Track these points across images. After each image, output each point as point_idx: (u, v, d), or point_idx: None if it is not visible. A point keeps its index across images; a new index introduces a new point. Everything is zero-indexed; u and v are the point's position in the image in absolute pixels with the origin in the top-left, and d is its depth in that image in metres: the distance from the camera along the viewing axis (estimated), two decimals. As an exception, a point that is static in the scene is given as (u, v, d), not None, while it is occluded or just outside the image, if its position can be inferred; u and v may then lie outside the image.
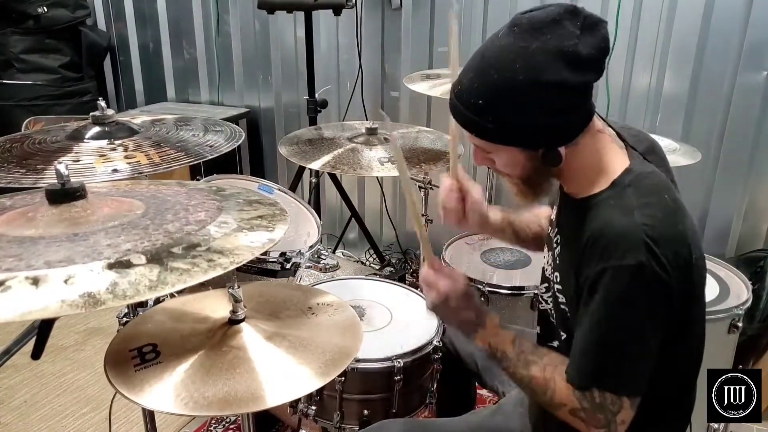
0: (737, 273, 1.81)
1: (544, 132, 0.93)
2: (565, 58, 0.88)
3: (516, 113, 0.91)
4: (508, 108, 0.91)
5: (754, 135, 2.23)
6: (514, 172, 1.00)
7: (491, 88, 0.91)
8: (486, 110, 0.92)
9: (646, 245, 0.88)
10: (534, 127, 0.92)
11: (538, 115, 0.91)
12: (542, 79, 0.88)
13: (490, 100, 0.91)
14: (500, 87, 0.90)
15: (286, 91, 3.12)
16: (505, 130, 0.93)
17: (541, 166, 0.97)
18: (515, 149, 0.96)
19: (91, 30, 3.33)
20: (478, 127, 0.94)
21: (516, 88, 0.89)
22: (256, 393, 0.88)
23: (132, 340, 1.00)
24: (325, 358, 0.96)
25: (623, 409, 0.93)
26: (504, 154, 0.98)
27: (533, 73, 0.88)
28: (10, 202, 0.97)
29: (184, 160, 1.27)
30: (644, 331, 0.92)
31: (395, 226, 3.01)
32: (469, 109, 0.94)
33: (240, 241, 0.85)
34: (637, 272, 0.88)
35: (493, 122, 0.92)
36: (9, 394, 2.18)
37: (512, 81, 0.89)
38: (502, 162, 1.00)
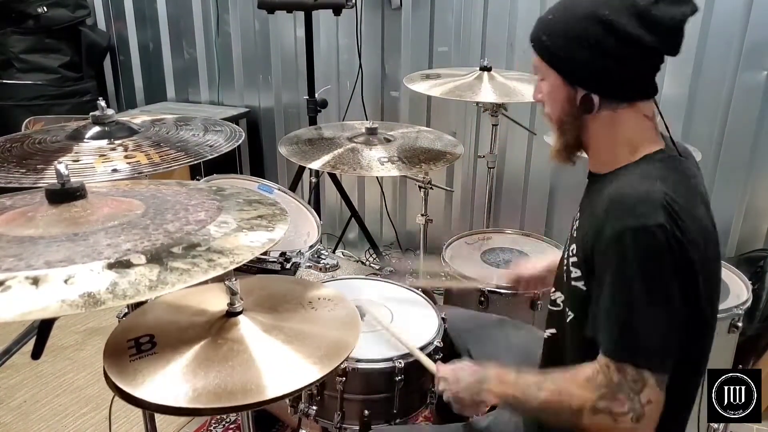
0: (737, 273, 1.81)
1: (587, 70, 0.97)
2: (635, 10, 0.92)
3: (570, 38, 0.97)
4: (567, 30, 0.97)
5: (754, 135, 2.23)
6: (554, 109, 1.05)
7: (561, 7, 1.00)
8: (548, 25, 1.00)
9: (665, 210, 0.88)
10: (580, 60, 0.97)
11: (586, 49, 0.95)
12: (603, 15, 0.93)
13: (557, 17, 0.99)
14: (570, 8, 0.98)
15: (286, 91, 3.12)
16: (555, 49, 0.99)
17: (574, 111, 1.00)
18: (559, 79, 1.01)
19: (91, 30, 3.33)
20: (539, 41, 1.02)
21: (581, 13, 0.96)
22: (252, 385, 0.87)
23: (130, 331, 0.99)
24: (323, 351, 0.95)
25: (647, 386, 0.89)
26: (550, 81, 1.03)
27: (601, 7, 0.94)
28: (10, 202, 0.97)
29: (184, 160, 1.27)
30: (669, 295, 0.89)
31: (395, 225, 3.01)
32: (539, 23, 1.02)
33: (240, 241, 0.85)
34: (658, 234, 0.87)
35: (548, 38, 1.00)
36: (9, 393, 2.18)
37: (582, 6, 0.96)
38: (547, 93, 1.04)
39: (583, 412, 0.94)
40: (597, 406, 0.92)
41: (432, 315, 1.51)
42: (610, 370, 0.91)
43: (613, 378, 0.90)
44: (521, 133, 2.54)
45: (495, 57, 2.27)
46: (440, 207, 2.87)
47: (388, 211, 3.01)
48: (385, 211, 3.01)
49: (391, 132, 1.91)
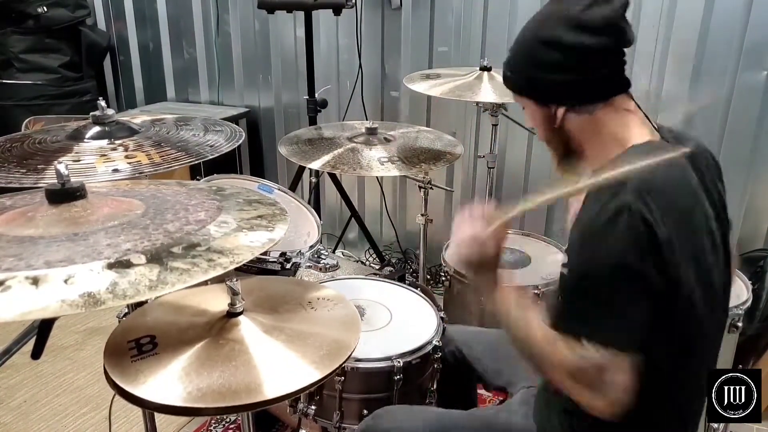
0: (737, 273, 1.80)
1: (547, 88, 1.04)
2: (566, 20, 0.99)
3: (522, 64, 1.06)
4: (519, 60, 1.07)
5: (754, 135, 2.23)
6: (541, 132, 1.11)
7: (514, 44, 1.08)
8: (509, 62, 1.09)
9: (635, 188, 0.89)
10: (537, 81, 1.04)
11: (538, 69, 1.03)
12: (540, 34, 1.02)
13: (511, 53, 1.08)
14: (518, 41, 1.07)
15: (286, 91, 3.12)
16: (518, 80, 1.09)
17: (555, 128, 1.06)
18: (532, 104, 1.08)
19: (91, 30, 3.33)
20: (505, 77, 1.11)
21: (525, 41, 1.05)
22: (252, 385, 0.87)
23: (131, 332, 1.00)
24: (323, 352, 0.95)
25: (617, 366, 0.89)
26: (528, 107, 1.10)
27: (537, 30, 1.03)
28: (10, 202, 0.97)
29: (184, 159, 1.27)
30: (627, 273, 0.89)
31: (395, 225, 3.01)
32: (504, 64, 1.11)
33: (240, 240, 0.85)
34: (621, 209, 0.89)
35: (511, 72, 1.09)
36: (9, 393, 2.18)
37: (524, 35, 1.06)
38: (529, 118, 1.12)
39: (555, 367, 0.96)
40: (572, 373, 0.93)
41: (431, 315, 1.51)
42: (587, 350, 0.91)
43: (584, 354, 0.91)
44: (521, 133, 2.54)
45: (495, 57, 2.27)
46: (440, 207, 2.87)
47: (388, 211, 3.01)
48: (385, 211, 3.01)
49: (391, 132, 1.91)
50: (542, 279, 1.80)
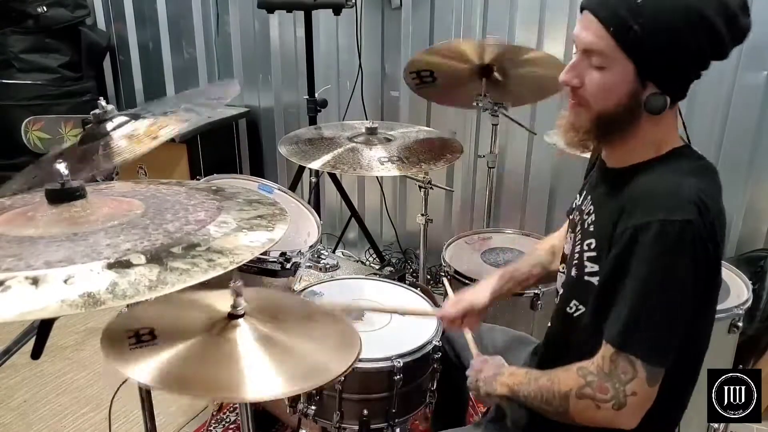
0: (737, 273, 1.80)
1: (671, 66, 0.91)
2: (727, 12, 0.88)
3: (664, 28, 0.88)
4: (662, 19, 0.88)
5: (754, 135, 2.23)
6: (604, 100, 0.95)
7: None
8: (640, 11, 0.88)
9: (697, 206, 0.87)
10: (669, 53, 0.90)
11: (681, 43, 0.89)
12: (705, 12, 0.87)
13: (650, 3, 0.88)
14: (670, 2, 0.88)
15: (286, 91, 3.12)
16: (645, 39, 0.89)
17: (633, 108, 0.94)
18: (631, 70, 0.91)
19: (90, 30, 3.33)
20: (622, 24, 0.89)
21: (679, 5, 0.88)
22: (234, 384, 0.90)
23: (132, 323, 1.00)
24: (299, 370, 0.96)
25: (636, 378, 0.89)
26: (616, 70, 0.92)
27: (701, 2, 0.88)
28: (9, 202, 0.97)
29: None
30: (680, 293, 0.89)
31: (395, 225, 3.01)
32: (622, 4, 0.89)
33: (240, 240, 0.85)
34: (686, 229, 0.86)
35: (640, 25, 0.88)
36: (8, 393, 2.18)
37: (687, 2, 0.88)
38: (602, 82, 0.94)
39: (569, 398, 0.95)
40: (583, 392, 0.93)
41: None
42: (604, 361, 0.92)
43: (605, 368, 0.91)
44: (521, 133, 2.53)
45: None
46: (440, 207, 2.87)
47: (388, 211, 3.01)
48: (385, 211, 3.01)
49: (391, 132, 1.91)
50: (542, 279, 1.80)
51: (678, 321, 0.90)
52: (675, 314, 0.90)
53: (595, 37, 0.92)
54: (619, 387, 0.90)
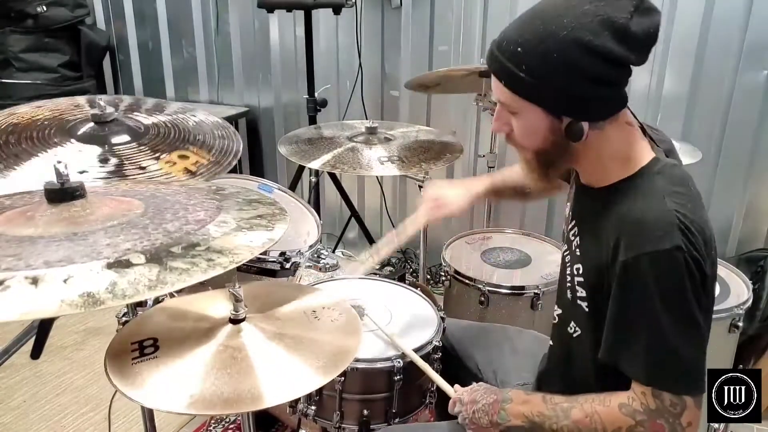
0: (737, 272, 1.81)
1: (574, 98, 0.91)
2: (613, 29, 0.86)
3: (551, 69, 0.89)
4: (545, 61, 0.89)
5: (754, 135, 2.23)
6: (532, 141, 0.98)
7: (534, 37, 0.89)
8: (523, 59, 0.90)
9: (681, 230, 0.88)
10: (565, 89, 0.90)
11: (572, 77, 0.89)
12: (585, 40, 0.87)
13: (529, 49, 0.89)
14: (543, 38, 0.88)
15: (286, 91, 3.12)
16: (537, 84, 0.91)
17: (560, 141, 0.95)
18: (540, 111, 0.93)
19: (90, 29, 3.32)
20: (511, 76, 0.92)
21: (558, 42, 0.87)
22: (253, 392, 0.87)
23: (134, 335, 1.00)
24: (325, 358, 0.95)
25: (687, 408, 0.88)
26: (528, 115, 0.95)
27: (578, 32, 0.87)
28: (9, 202, 0.97)
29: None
30: (694, 316, 0.89)
31: (395, 225, 3.00)
32: (505, 56, 0.92)
33: (239, 240, 0.85)
34: (676, 256, 0.86)
35: (526, 73, 0.90)
36: (8, 393, 2.17)
37: (556, 35, 0.87)
38: (522, 126, 0.97)
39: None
40: (635, 430, 0.91)
41: (431, 315, 1.51)
42: (646, 397, 0.91)
43: (650, 404, 0.90)
44: (521, 133, 2.53)
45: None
46: (440, 207, 2.87)
47: (388, 211, 3.00)
48: (385, 211, 3.01)
49: (391, 131, 1.91)
50: (542, 279, 1.80)
51: (702, 344, 0.91)
52: (696, 340, 0.90)
53: (499, 92, 0.97)
54: (674, 421, 0.89)
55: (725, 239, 2.35)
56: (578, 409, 0.97)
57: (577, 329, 1.07)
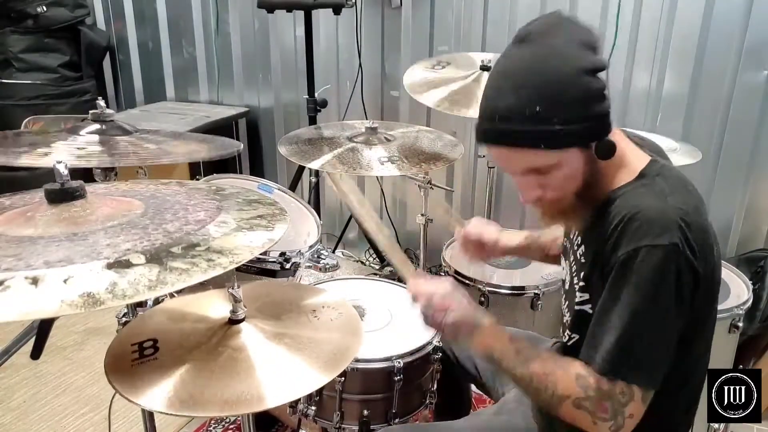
0: (737, 273, 1.81)
1: (596, 120, 0.92)
2: (589, 46, 0.91)
3: (576, 107, 0.89)
4: (569, 104, 0.89)
5: (754, 135, 2.23)
6: (572, 185, 0.97)
7: (544, 91, 0.89)
8: (549, 115, 0.89)
9: (680, 228, 0.88)
10: (588, 116, 0.91)
11: (589, 102, 0.90)
12: (582, 64, 0.89)
13: (549, 103, 0.89)
14: (553, 87, 0.88)
15: (286, 91, 3.12)
16: (572, 129, 0.90)
17: (593, 166, 0.95)
18: (576, 151, 0.93)
19: (90, 29, 3.33)
20: (545, 137, 0.90)
21: (568, 83, 0.88)
22: (254, 393, 0.88)
23: (134, 336, 1.00)
24: (325, 358, 0.95)
25: (633, 401, 0.90)
26: (565, 162, 0.94)
27: (574, 62, 0.89)
28: (9, 202, 0.97)
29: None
30: (668, 316, 0.90)
31: (395, 225, 3.01)
32: (526, 124, 0.90)
33: (239, 240, 0.85)
34: (671, 253, 0.87)
35: (560, 123, 0.89)
36: (8, 393, 2.17)
37: (560, 76, 0.88)
38: (561, 176, 0.95)
39: (563, 402, 0.94)
40: (581, 404, 0.92)
41: (429, 329, 1.51)
42: (601, 381, 0.92)
43: (603, 386, 0.91)
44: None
45: (495, 57, 2.27)
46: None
47: (388, 211, 3.00)
48: (385, 211, 3.01)
49: (391, 132, 1.91)
50: (542, 279, 1.80)
51: (668, 343, 0.92)
52: (663, 338, 0.91)
53: (520, 162, 0.95)
54: (618, 408, 0.91)
55: (725, 239, 2.35)
56: (538, 363, 0.97)
57: (573, 336, 1.07)
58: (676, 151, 1.83)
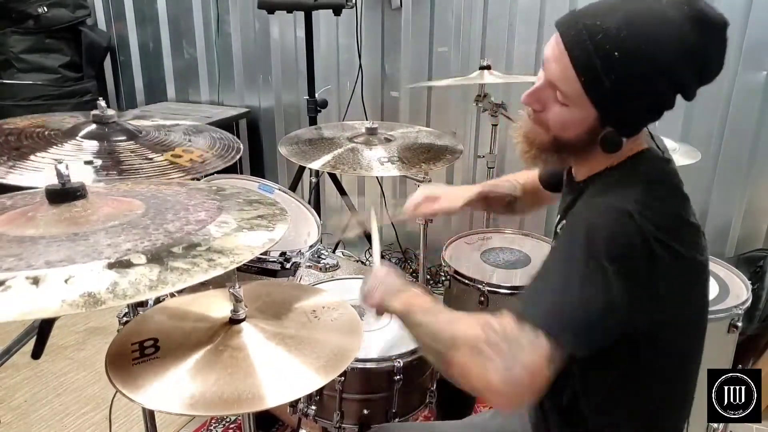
0: (737, 273, 1.81)
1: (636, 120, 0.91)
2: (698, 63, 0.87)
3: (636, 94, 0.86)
4: (636, 77, 0.85)
5: (754, 135, 2.23)
6: (561, 131, 0.94)
7: (638, 50, 0.83)
8: (615, 67, 0.84)
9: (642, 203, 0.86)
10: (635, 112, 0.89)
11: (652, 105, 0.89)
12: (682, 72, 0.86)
13: (627, 61, 0.84)
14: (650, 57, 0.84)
15: (286, 91, 3.12)
16: (614, 96, 0.86)
17: (588, 142, 0.92)
18: (594, 115, 0.90)
19: (91, 30, 3.33)
20: (593, 78, 0.86)
21: (660, 66, 0.84)
22: (254, 393, 0.88)
23: (134, 335, 1.01)
24: (325, 359, 0.96)
25: (536, 350, 0.79)
26: (577, 112, 0.90)
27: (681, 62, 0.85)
28: (10, 202, 0.97)
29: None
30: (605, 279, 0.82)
31: (395, 225, 3.01)
32: (597, 51, 0.84)
33: (240, 240, 0.85)
34: (621, 217, 0.84)
35: (611, 83, 0.85)
36: (9, 393, 2.18)
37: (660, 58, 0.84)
38: (563, 117, 0.92)
39: (461, 347, 0.85)
40: (479, 347, 0.82)
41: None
42: (510, 322, 0.83)
43: (507, 328, 0.82)
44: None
45: (495, 57, 2.27)
46: (440, 207, 2.87)
47: (388, 211, 3.01)
48: (385, 211, 3.01)
49: (391, 132, 1.91)
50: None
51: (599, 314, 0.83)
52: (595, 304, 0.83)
53: (564, 77, 0.89)
54: (517, 353, 0.80)
55: (725, 239, 2.35)
56: (447, 314, 0.93)
57: None
58: (676, 151, 1.84)
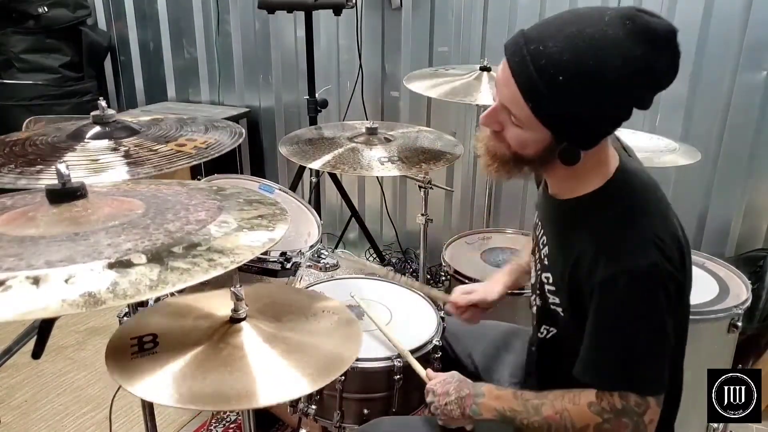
0: (737, 272, 1.81)
1: (589, 135, 0.92)
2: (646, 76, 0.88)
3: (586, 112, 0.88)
4: (582, 97, 0.86)
5: (754, 135, 2.23)
6: (521, 149, 0.95)
7: (581, 73, 0.84)
8: (560, 91, 0.85)
9: (656, 245, 0.90)
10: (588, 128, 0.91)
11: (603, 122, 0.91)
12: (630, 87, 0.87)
13: (571, 84, 0.84)
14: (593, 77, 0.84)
15: (286, 91, 3.12)
16: (563, 117, 0.88)
17: (548, 157, 0.95)
18: (548, 134, 0.91)
19: (91, 30, 3.33)
20: (539, 101, 0.87)
21: (606, 85, 0.85)
22: (252, 390, 0.88)
23: (134, 331, 1.01)
24: (320, 364, 0.96)
25: (649, 408, 0.93)
26: (531, 132, 0.92)
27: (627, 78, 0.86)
28: (10, 202, 0.98)
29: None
30: (665, 328, 0.93)
31: (395, 225, 3.01)
32: (541, 77, 0.85)
33: (240, 240, 0.85)
34: (653, 273, 0.89)
35: (559, 106, 0.86)
36: (9, 393, 2.18)
37: (604, 77, 0.84)
38: (519, 137, 0.93)
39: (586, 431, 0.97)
40: (602, 428, 0.95)
41: (431, 314, 1.51)
42: (613, 398, 0.94)
43: (617, 404, 0.94)
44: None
45: (495, 57, 2.27)
46: (440, 207, 2.87)
47: (388, 211, 3.01)
48: (385, 211, 3.01)
49: (391, 132, 1.91)
50: (542, 279, 1.80)
51: (666, 348, 0.95)
52: (663, 346, 0.94)
53: (514, 101, 0.90)
54: (638, 420, 0.93)
55: (724, 239, 2.35)
56: (548, 406, 1.00)
57: (551, 330, 1.10)
58: (676, 151, 1.84)
